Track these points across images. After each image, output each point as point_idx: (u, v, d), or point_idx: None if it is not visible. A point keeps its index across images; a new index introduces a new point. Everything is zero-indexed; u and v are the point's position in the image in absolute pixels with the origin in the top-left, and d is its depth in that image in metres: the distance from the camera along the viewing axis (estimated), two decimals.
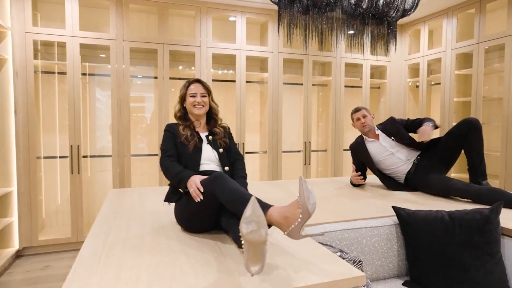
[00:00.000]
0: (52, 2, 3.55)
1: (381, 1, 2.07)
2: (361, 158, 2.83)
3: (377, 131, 2.83)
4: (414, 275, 1.75)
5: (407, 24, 4.53)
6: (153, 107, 4.07)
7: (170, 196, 1.72)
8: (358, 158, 2.85)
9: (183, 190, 1.59)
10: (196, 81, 1.89)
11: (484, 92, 3.70)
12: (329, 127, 4.42)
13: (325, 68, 4.61)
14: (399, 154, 2.68)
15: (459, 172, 3.90)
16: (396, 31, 2.39)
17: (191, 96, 1.84)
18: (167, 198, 1.74)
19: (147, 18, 3.92)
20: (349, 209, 2.06)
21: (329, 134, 4.43)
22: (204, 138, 1.85)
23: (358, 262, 1.42)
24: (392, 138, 2.75)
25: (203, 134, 1.87)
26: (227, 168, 1.81)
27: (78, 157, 3.42)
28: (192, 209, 1.55)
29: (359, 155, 2.83)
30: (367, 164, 2.81)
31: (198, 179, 1.52)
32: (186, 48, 3.73)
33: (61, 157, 3.65)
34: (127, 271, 1.20)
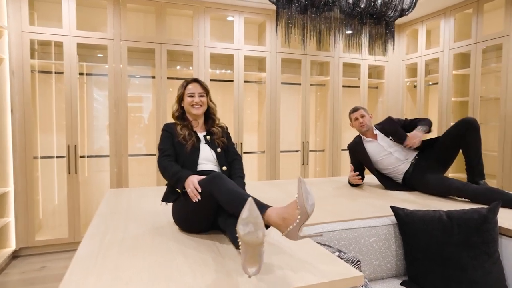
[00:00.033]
0: (49, 1, 3.53)
1: (379, 0, 2.07)
2: (359, 158, 2.82)
3: (375, 131, 2.84)
4: (412, 275, 1.75)
5: (405, 24, 4.53)
6: (150, 107, 4.06)
7: (168, 196, 1.72)
8: (356, 158, 2.85)
9: (180, 190, 1.58)
10: (194, 80, 1.88)
11: (481, 92, 3.70)
12: (327, 127, 4.42)
13: (323, 68, 4.61)
14: (397, 154, 2.68)
15: (456, 172, 3.91)
16: (394, 31, 2.39)
17: (189, 96, 1.83)
18: (165, 198, 1.73)
19: (144, 18, 3.91)
20: (347, 209, 2.06)
21: (327, 134, 4.43)
22: (202, 138, 1.85)
23: (356, 262, 1.42)
24: (390, 138, 2.76)
25: (201, 134, 1.87)
26: (225, 168, 1.81)
27: (75, 157, 3.41)
28: (190, 209, 1.54)
29: (357, 155, 2.83)
30: (365, 164, 2.81)
31: (196, 179, 1.51)
32: (184, 47, 3.72)
33: (58, 157, 3.64)
34: (124, 272, 1.19)
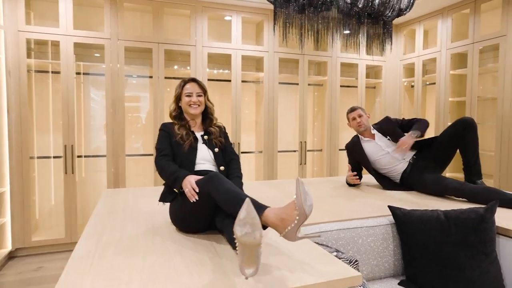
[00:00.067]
0: (45, 1, 3.52)
1: (377, 0, 2.07)
2: (357, 157, 2.82)
3: (372, 131, 2.84)
4: (410, 274, 1.75)
5: (402, 24, 4.54)
6: (148, 106, 4.05)
7: (165, 195, 1.71)
8: (354, 157, 2.85)
9: (178, 190, 1.57)
10: (192, 80, 1.88)
11: (478, 92, 3.71)
12: (324, 127, 4.42)
13: (320, 67, 4.61)
14: (394, 154, 2.68)
15: (453, 172, 3.92)
16: (392, 31, 2.39)
17: (187, 96, 1.83)
18: (162, 198, 1.72)
19: (142, 17, 3.90)
20: (345, 208, 2.06)
21: (324, 134, 4.43)
22: (199, 137, 1.84)
23: (354, 262, 1.41)
24: (388, 138, 2.76)
25: (199, 134, 1.86)
26: (222, 168, 1.80)
27: (72, 157, 3.39)
28: (187, 209, 1.54)
29: (355, 154, 2.83)
30: (363, 163, 2.81)
31: (193, 179, 1.51)
32: (181, 47, 3.71)
33: (55, 157, 3.62)
34: (120, 272, 1.18)
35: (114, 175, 3.53)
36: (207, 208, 1.48)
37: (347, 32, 2.40)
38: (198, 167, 1.75)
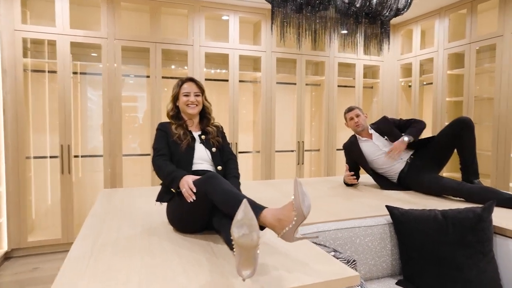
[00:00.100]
0: (42, 0, 3.49)
1: (374, 0, 2.07)
2: (354, 157, 2.82)
3: (370, 131, 2.84)
4: (408, 274, 1.75)
5: (400, 24, 4.55)
6: (145, 106, 4.03)
7: (162, 195, 1.70)
8: (352, 157, 2.85)
9: (175, 190, 1.57)
10: (190, 79, 1.87)
11: (475, 92, 3.73)
12: (322, 127, 4.42)
13: (318, 67, 4.61)
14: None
15: (451, 171, 3.93)
16: (390, 31, 2.39)
17: (185, 95, 1.82)
18: (159, 197, 1.72)
19: (139, 17, 3.88)
20: (342, 208, 2.06)
21: (322, 134, 4.43)
22: (196, 137, 1.84)
23: (352, 262, 1.41)
24: (386, 138, 2.76)
25: (196, 133, 1.85)
26: (220, 168, 1.80)
27: (68, 157, 3.37)
28: (185, 209, 1.53)
29: (353, 154, 2.83)
30: (360, 163, 2.81)
31: (190, 179, 1.50)
32: (178, 47, 3.70)
33: (51, 157, 3.60)
34: (117, 273, 1.17)
35: (111, 175, 3.52)
36: (205, 208, 1.48)
37: (345, 32, 2.40)
38: (196, 167, 1.74)
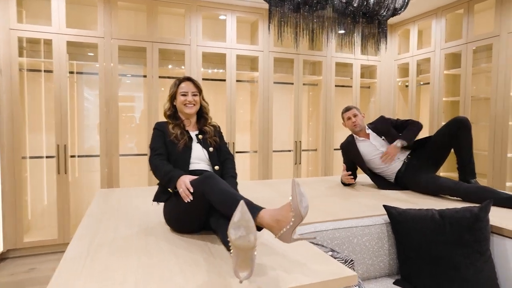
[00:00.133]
0: None
1: None
2: (351, 157, 2.83)
3: (367, 131, 2.84)
4: (405, 274, 1.75)
5: (397, 24, 4.56)
6: (142, 106, 4.02)
7: (159, 195, 1.70)
8: (349, 157, 2.85)
9: (172, 190, 1.56)
10: (187, 79, 1.86)
11: (472, 92, 3.74)
12: (319, 127, 4.42)
13: (315, 67, 4.61)
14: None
15: (448, 171, 3.94)
16: (387, 30, 2.39)
17: (182, 95, 1.81)
18: (156, 197, 1.71)
19: (135, 16, 3.87)
20: (340, 208, 2.06)
21: (319, 134, 4.43)
22: (194, 137, 1.83)
23: (349, 262, 1.41)
24: (383, 138, 2.76)
25: (193, 133, 1.84)
26: (217, 168, 1.79)
27: (65, 157, 3.35)
28: (182, 209, 1.52)
29: (350, 154, 2.83)
30: (357, 163, 2.82)
31: (188, 179, 1.49)
32: (175, 46, 3.69)
33: (47, 157, 3.57)
34: (113, 273, 1.16)
35: (107, 175, 3.50)
36: (202, 208, 1.47)
37: (342, 31, 2.40)
38: (193, 166, 1.74)
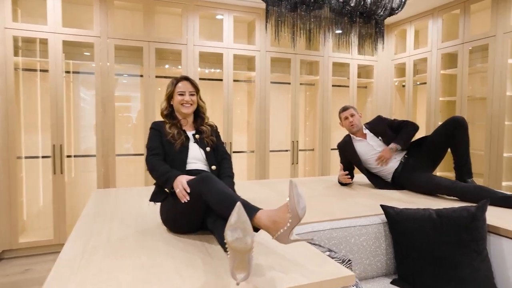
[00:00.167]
0: None
1: None
2: (348, 157, 2.83)
3: (364, 131, 2.84)
4: (402, 273, 1.75)
5: (394, 24, 4.57)
6: (138, 106, 4.00)
7: (156, 195, 1.68)
8: (346, 157, 2.85)
9: (169, 190, 1.55)
10: (184, 78, 1.85)
11: (468, 91, 3.75)
12: (316, 127, 4.42)
13: (312, 67, 4.61)
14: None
15: (444, 171, 3.95)
16: (384, 30, 2.39)
17: (179, 94, 1.80)
18: (153, 197, 1.70)
19: (132, 15, 3.85)
20: (337, 208, 2.05)
21: (316, 134, 4.43)
22: (191, 136, 1.82)
23: (347, 261, 1.40)
24: (380, 138, 2.76)
25: (190, 133, 1.83)
26: (214, 167, 1.78)
27: (61, 157, 3.33)
28: (179, 209, 1.51)
29: (347, 154, 2.83)
30: (354, 163, 2.82)
31: (184, 180, 1.48)
32: (172, 46, 3.67)
33: (43, 157, 3.55)
34: (109, 274, 1.15)
35: (104, 175, 3.48)
36: (199, 208, 1.46)
37: (339, 31, 2.40)
38: (190, 166, 1.73)
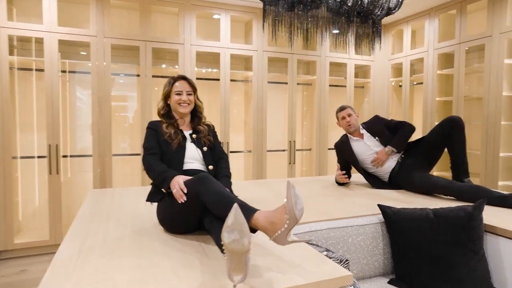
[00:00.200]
0: None
1: None
2: (345, 156, 2.83)
3: (361, 130, 2.84)
4: (400, 273, 1.75)
5: (390, 24, 4.57)
6: (135, 106, 3.98)
7: (153, 195, 1.68)
8: (343, 156, 2.85)
9: (166, 190, 1.54)
10: (182, 78, 1.84)
11: (465, 91, 3.76)
12: (313, 126, 4.42)
13: (309, 67, 4.61)
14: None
15: (441, 170, 3.96)
16: (381, 30, 2.39)
17: (177, 94, 1.79)
18: (150, 197, 1.69)
19: (128, 15, 3.83)
20: (334, 207, 2.05)
21: (313, 133, 4.43)
22: (188, 136, 1.81)
23: (345, 261, 1.40)
24: (377, 138, 2.77)
25: (187, 132, 1.83)
26: (211, 167, 1.77)
27: (57, 157, 3.31)
28: (175, 210, 1.50)
29: (344, 153, 2.83)
30: (351, 162, 2.82)
31: (181, 180, 1.47)
32: (169, 45, 3.66)
33: (39, 157, 3.52)
34: (105, 275, 1.14)
35: (100, 175, 3.46)
36: (196, 209, 1.45)
37: (336, 31, 2.39)
38: (187, 166, 1.72)
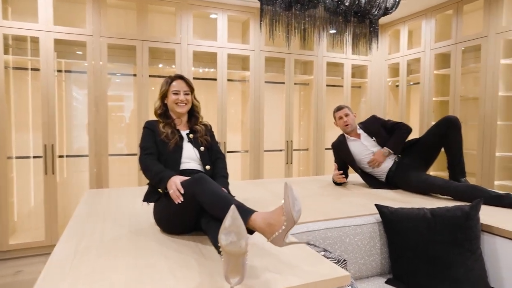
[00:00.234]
0: None
1: None
2: (342, 156, 2.83)
3: (359, 131, 2.84)
4: (397, 273, 1.75)
5: (387, 24, 4.58)
6: (132, 105, 3.96)
7: (149, 195, 1.67)
8: (340, 156, 2.85)
9: (163, 190, 1.53)
10: (179, 77, 1.83)
11: (461, 91, 3.78)
12: (310, 126, 4.43)
13: (306, 67, 4.61)
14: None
15: (438, 170, 3.97)
16: (378, 29, 2.40)
17: (174, 93, 1.78)
18: (146, 197, 1.68)
19: (125, 14, 3.81)
20: (331, 207, 2.05)
21: (310, 133, 4.43)
22: (185, 136, 1.80)
23: (342, 261, 1.40)
24: (374, 138, 2.77)
25: (184, 132, 1.82)
26: (208, 167, 1.77)
27: (52, 157, 3.29)
28: (172, 210, 1.50)
29: (341, 153, 2.84)
30: (348, 162, 2.82)
31: (178, 180, 1.46)
32: (166, 45, 3.65)
33: (34, 157, 3.50)
34: (101, 275, 1.13)
35: (96, 175, 3.44)
36: (192, 209, 1.44)
37: (333, 31, 2.39)
38: (184, 166, 1.71)
